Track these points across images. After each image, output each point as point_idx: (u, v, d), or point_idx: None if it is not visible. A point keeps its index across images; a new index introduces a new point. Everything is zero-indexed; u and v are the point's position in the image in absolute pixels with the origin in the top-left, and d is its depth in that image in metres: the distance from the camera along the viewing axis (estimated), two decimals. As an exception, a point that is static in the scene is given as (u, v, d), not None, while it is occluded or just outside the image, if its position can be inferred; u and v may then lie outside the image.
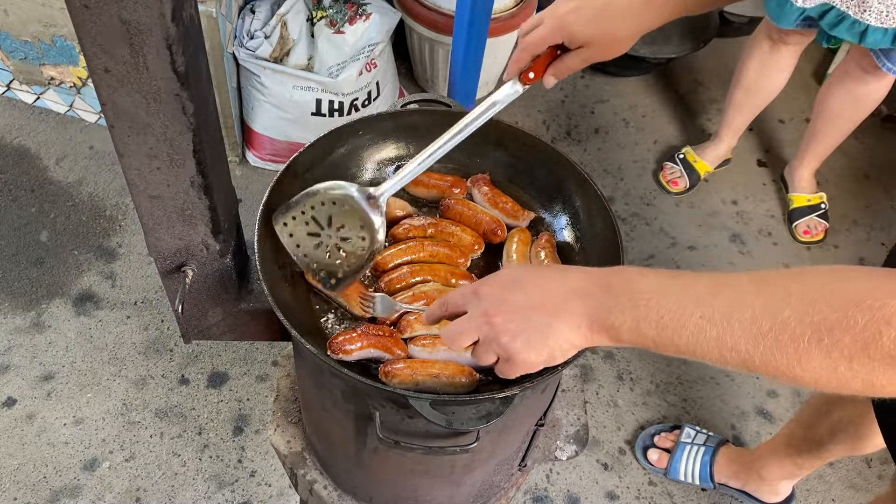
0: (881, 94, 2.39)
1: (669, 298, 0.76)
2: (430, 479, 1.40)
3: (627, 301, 0.78)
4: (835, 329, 0.66)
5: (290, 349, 1.60)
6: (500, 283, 0.88)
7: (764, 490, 2.04)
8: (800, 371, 0.69)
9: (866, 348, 0.64)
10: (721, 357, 0.73)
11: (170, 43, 0.88)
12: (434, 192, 1.37)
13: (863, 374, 0.66)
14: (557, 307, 0.82)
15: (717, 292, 0.74)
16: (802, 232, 2.71)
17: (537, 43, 1.09)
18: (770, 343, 0.69)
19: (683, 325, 0.74)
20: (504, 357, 0.86)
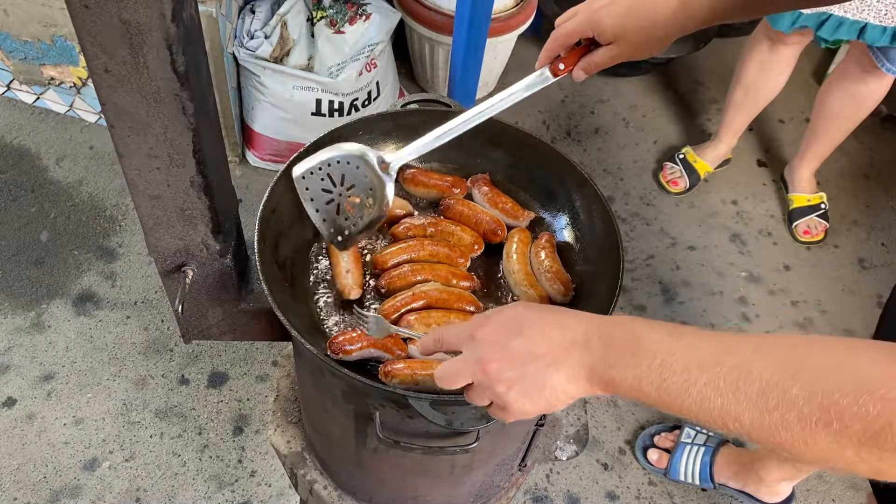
0: (881, 94, 2.39)
1: (674, 361, 0.74)
2: (430, 479, 1.40)
3: (630, 358, 0.76)
4: (845, 415, 0.64)
5: (290, 349, 1.60)
6: (498, 327, 0.85)
7: (763, 491, 2.04)
8: (804, 449, 0.67)
9: (876, 438, 0.63)
10: (724, 425, 0.71)
11: (170, 43, 0.88)
12: (434, 191, 1.37)
13: (870, 461, 0.64)
14: (556, 358, 0.80)
15: (723, 360, 0.71)
16: (802, 232, 2.71)
17: (567, 34, 1.08)
18: (776, 420, 0.67)
19: (687, 390, 0.72)
20: (499, 405, 0.84)
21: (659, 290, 2.54)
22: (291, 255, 1.27)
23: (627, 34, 1.03)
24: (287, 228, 1.27)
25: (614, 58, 1.07)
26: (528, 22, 2.82)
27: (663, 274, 2.59)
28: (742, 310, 2.53)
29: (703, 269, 2.62)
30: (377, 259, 1.27)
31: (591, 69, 1.10)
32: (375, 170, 1.09)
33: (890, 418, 0.62)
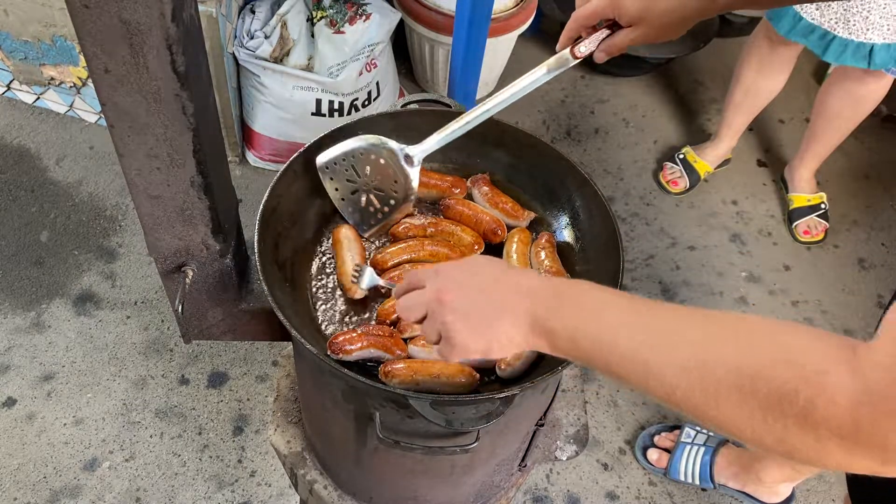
0: (880, 95, 2.39)
1: (610, 317, 0.76)
2: (430, 479, 1.40)
3: (571, 309, 0.79)
4: (756, 378, 0.65)
5: (290, 349, 1.60)
6: (462, 267, 0.90)
7: (763, 491, 2.04)
8: (716, 413, 0.67)
9: (780, 403, 0.63)
10: (646, 384, 0.72)
11: (170, 43, 0.88)
12: (434, 191, 1.37)
13: (776, 430, 0.64)
14: (506, 301, 0.83)
15: (659, 322, 0.74)
16: (802, 232, 2.71)
17: (588, 16, 1.08)
18: (694, 379, 0.68)
19: (618, 345, 0.74)
20: (444, 336, 0.86)
21: (659, 290, 2.54)
22: (291, 255, 1.27)
23: (649, 16, 1.03)
24: (287, 228, 1.27)
25: (635, 40, 1.07)
26: (529, 22, 2.82)
27: (663, 274, 2.59)
28: (742, 310, 2.52)
29: (703, 269, 2.62)
30: (377, 259, 1.27)
31: (612, 51, 1.10)
32: (399, 161, 1.11)
33: (799, 385, 0.62)
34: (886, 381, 0.58)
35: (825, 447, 0.62)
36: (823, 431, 0.61)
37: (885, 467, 0.61)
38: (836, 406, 0.60)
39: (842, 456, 0.62)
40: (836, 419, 0.60)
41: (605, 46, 1.10)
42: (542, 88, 1.14)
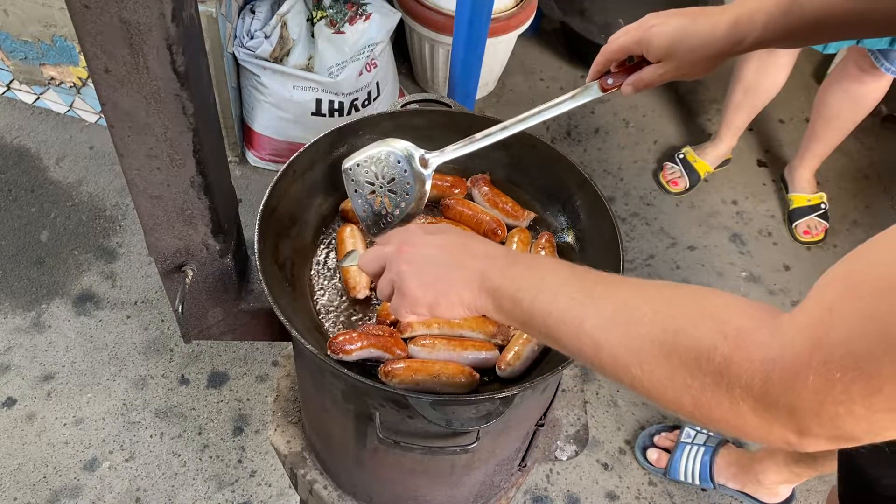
0: (880, 95, 2.39)
1: (554, 279, 0.78)
2: (430, 480, 1.40)
3: (518, 270, 0.81)
4: (678, 333, 0.65)
5: (291, 349, 1.60)
6: (428, 228, 0.93)
7: (763, 492, 2.04)
8: (639, 372, 0.67)
9: (699, 359, 0.62)
10: (579, 343, 0.73)
11: (170, 43, 0.88)
12: (434, 191, 1.37)
13: (693, 389, 0.63)
14: (461, 259, 0.85)
15: (597, 284, 0.75)
16: (802, 232, 2.71)
17: (616, 50, 1.10)
18: (621, 335, 0.69)
19: (556, 304, 0.75)
20: (397, 286, 0.88)
21: (659, 290, 2.54)
22: (291, 255, 1.27)
23: (676, 54, 1.04)
24: (287, 228, 1.27)
25: (662, 76, 1.08)
26: (529, 22, 2.82)
27: (663, 274, 2.59)
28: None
29: (703, 269, 2.62)
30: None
31: (640, 86, 1.11)
32: (416, 166, 1.13)
33: (717, 341, 0.62)
34: (802, 341, 0.57)
35: (739, 410, 0.61)
36: (737, 391, 0.60)
37: (802, 440, 0.59)
38: (750, 363, 0.59)
39: (756, 421, 0.61)
40: (749, 376, 0.59)
41: (633, 81, 1.11)
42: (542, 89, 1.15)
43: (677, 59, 1.05)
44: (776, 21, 0.98)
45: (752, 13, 0.99)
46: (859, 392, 0.53)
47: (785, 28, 0.98)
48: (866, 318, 0.54)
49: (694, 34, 1.02)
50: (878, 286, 0.54)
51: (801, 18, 0.96)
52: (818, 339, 0.56)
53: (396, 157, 1.14)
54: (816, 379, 0.55)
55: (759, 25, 0.99)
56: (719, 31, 1.01)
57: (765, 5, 0.98)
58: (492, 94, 3.05)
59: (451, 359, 1.14)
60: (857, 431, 0.56)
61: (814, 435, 0.58)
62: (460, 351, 1.15)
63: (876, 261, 0.57)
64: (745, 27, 0.99)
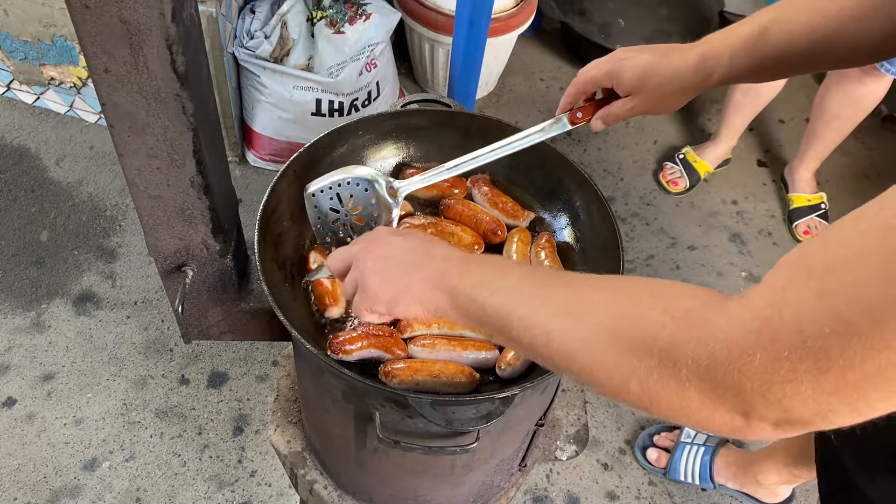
0: (879, 95, 2.39)
1: (511, 275, 0.78)
2: (430, 480, 1.40)
3: (476, 268, 0.82)
4: (627, 317, 0.65)
5: (290, 349, 1.60)
6: (395, 231, 0.95)
7: (763, 492, 2.04)
8: (589, 360, 0.67)
9: (645, 340, 0.62)
10: (531, 336, 0.72)
11: (170, 43, 0.88)
12: (434, 191, 1.37)
13: (640, 371, 0.62)
14: (423, 261, 0.87)
15: (555, 280, 0.75)
16: (803, 232, 2.71)
17: (587, 81, 1.11)
18: (571, 323, 0.69)
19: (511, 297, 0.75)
20: (360, 283, 0.89)
21: (659, 290, 2.54)
22: (291, 255, 1.27)
23: (645, 88, 1.05)
24: (287, 228, 1.27)
25: (632, 110, 1.08)
26: (528, 22, 2.82)
27: (663, 274, 2.59)
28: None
29: (704, 269, 2.62)
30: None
31: (609, 121, 1.11)
32: (383, 195, 1.12)
33: (666, 321, 0.61)
34: (752, 320, 0.56)
35: (685, 392, 0.60)
36: (683, 371, 0.59)
37: (749, 424, 0.58)
38: (697, 341, 0.59)
39: (701, 404, 0.60)
40: (696, 355, 0.58)
41: (602, 115, 1.11)
42: (542, 89, 1.15)
43: (646, 93, 1.05)
44: (742, 57, 0.99)
45: (718, 49, 1.00)
46: (807, 371, 0.53)
47: (751, 63, 0.99)
48: (816, 295, 0.53)
49: (664, 68, 1.03)
50: (830, 264, 0.53)
51: (767, 54, 0.97)
52: (767, 318, 0.55)
53: (364, 185, 1.12)
54: (764, 357, 0.54)
55: (725, 61, 1.00)
56: (688, 66, 1.02)
57: (731, 41, 1.00)
58: (492, 94, 3.05)
59: (451, 359, 1.14)
60: (804, 413, 0.55)
61: (760, 417, 0.57)
62: (460, 351, 1.15)
63: (829, 240, 0.56)
64: (712, 63, 1.00)
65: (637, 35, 3.17)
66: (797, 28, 0.95)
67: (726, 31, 1.02)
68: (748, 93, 2.57)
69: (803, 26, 0.95)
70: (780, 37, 0.96)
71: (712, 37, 1.02)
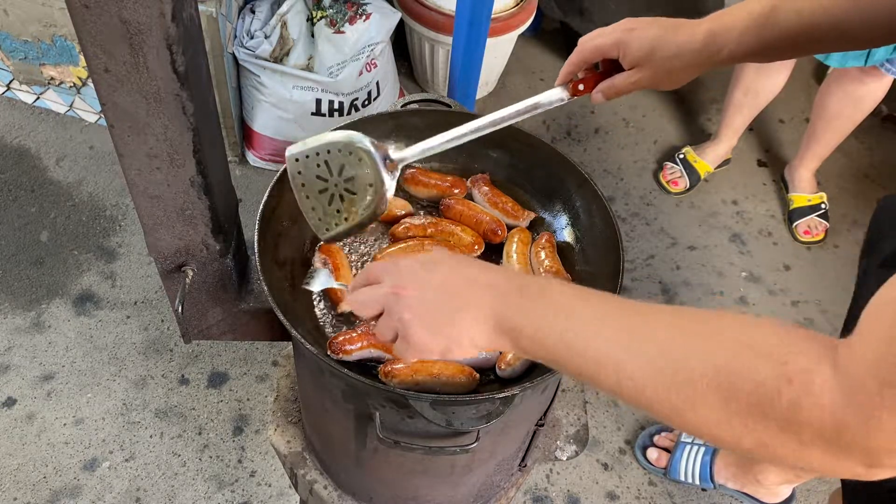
0: (880, 95, 2.39)
1: (579, 313, 0.73)
2: (430, 479, 1.40)
3: (536, 305, 0.76)
4: (736, 378, 0.62)
5: (291, 349, 1.60)
6: (421, 261, 0.86)
7: (763, 492, 2.04)
8: (692, 416, 0.65)
9: (762, 405, 0.60)
10: (618, 385, 0.69)
11: (170, 43, 0.88)
12: (434, 191, 1.37)
13: (757, 433, 0.61)
14: (469, 297, 0.79)
15: (629, 318, 0.71)
16: (803, 232, 2.71)
17: (591, 50, 1.06)
18: (668, 379, 0.65)
19: (588, 343, 0.71)
20: (402, 334, 0.82)
21: (659, 290, 2.54)
22: (291, 255, 1.27)
23: (652, 61, 1.02)
24: (287, 228, 1.27)
25: (636, 84, 1.05)
26: (529, 22, 2.82)
27: (663, 274, 2.59)
28: (742, 310, 2.52)
29: (704, 269, 2.62)
30: (377, 259, 1.27)
31: (611, 94, 1.07)
32: (378, 166, 0.99)
33: (781, 385, 0.60)
34: (870, 381, 0.56)
35: (808, 451, 0.60)
36: (807, 435, 0.59)
37: (870, 471, 0.59)
38: (821, 409, 0.58)
39: (825, 459, 0.60)
40: (821, 422, 0.58)
41: (604, 88, 1.07)
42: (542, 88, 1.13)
43: (652, 67, 1.03)
44: (751, 34, 0.97)
45: (727, 26, 0.98)
46: None
47: (760, 41, 0.97)
48: None
49: (672, 43, 1.01)
50: None
51: (778, 33, 0.95)
52: (884, 377, 0.55)
53: (357, 154, 0.98)
54: (891, 418, 0.55)
55: (734, 38, 0.98)
56: (696, 42, 1.00)
57: (740, 18, 0.98)
58: (492, 93, 3.05)
59: (451, 359, 1.14)
60: None
61: (885, 466, 0.58)
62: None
63: None
64: (720, 39, 0.99)
65: (637, 35, 3.16)
66: (808, 7, 0.93)
67: (736, 7, 0.99)
68: (748, 93, 2.57)
69: (814, 5, 0.93)
70: (790, 16, 0.94)
71: (722, 13, 1.00)
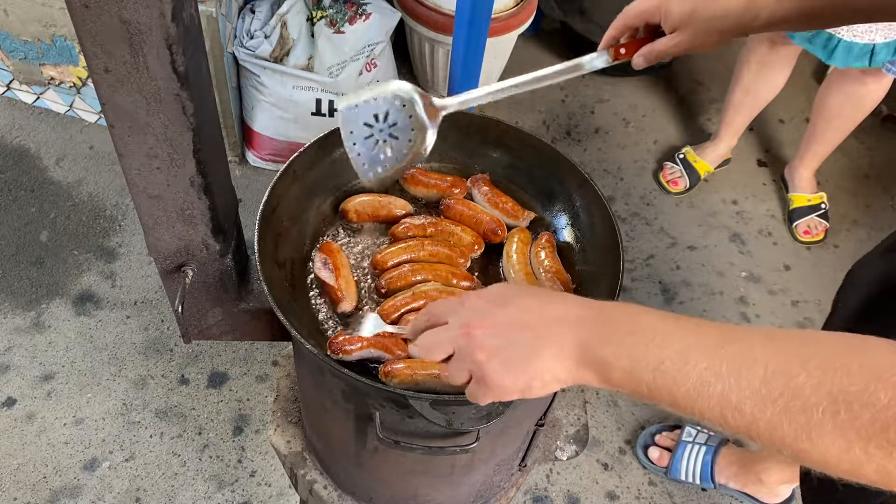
0: (880, 95, 2.39)
1: (674, 342, 0.69)
2: (430, 479, 1.40)
3: (626, 336, 0.71)
4: (854, 403, 0.59)
5: (290, 349, 1.60)
6: (489, 297, 0.81)
7: (764, 492, 2.04)
8: (808, 446, 0.62)
9: (886, 430, 0.58)
10: (722, 417, 0.66)
11: (170, 43, 0.87)
12: (434, 191, 1.37)
13: (879, 458, 0.59)
14: (546, 332, 0.75)
15: (726, 344, 0.67)
16: (802, 232, 2.71)
17: (635, 15, 1.09)
18: (779, 409, 0.62)
19: (686, 374, 0.67)
20: (477, 376, 0.78)
21: (659, 290, 2.54)
22: (291, 255, 1.27)
23: (692, 24, 1.04)
24: (287, 228, 1.27)
25: (676, 46, 1.07)
26: (529, 22, 2.82)
27: (663, 274, 2.59)
28: (742, 310, 2.52)
29: (704, 269, 2.62)
30: (377, 259, 1.27)
31: (652, 58, 1.09)
32: (420, 113, 1.04)
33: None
34: None
35: None
36: None
37: None
38: None
39: None
40: None
41: (645, 52, 1.10)
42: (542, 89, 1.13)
43: (693, 29, 1.04)
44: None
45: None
46: None
47: (800, 6, 0.97)
48: None
49: (712, 4, 1.02)
50: None
51: None
52: None
53: (402, 100, 1.04)
54: None
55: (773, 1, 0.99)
56: (738, 4, 1.01)
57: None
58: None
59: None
60: None
61: None
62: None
63: None
64: (760, 2, 1.00)
65: (637, 35, 3.16)
66: None
67: None
68: (748, 92, 2.57)
69: None
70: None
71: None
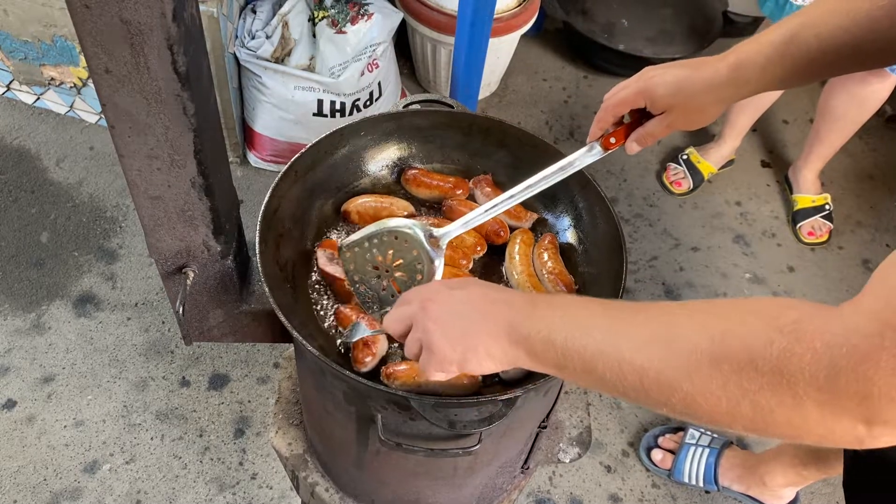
0: (884, 95, 2.38)
1: (584, 314, 0.77)
2: (432, 482, 1.40)
3: (544, 311, 0.80)
4: (726, 335, 0.62)
5: (292, 351, 1.59)
6: (448, 283, 0.92)
7: (767, 495, 2.03)
8: (689, 387, 0.65)
9: (754, 359, 0.60)
10: (620, 373, 0.70)
11: (171, 43, 0.87)
12: (436, 192, 1.37)
13: (751, 392, 0.60)
14: (485, 310, 0.84)
15: (630, 312, 0.74)
16: (807, 233, 2.70)
17: (619, 104, 1.09)
18: (663, 353, 0.67)
19: (591, 335, 0.74)
20: (425, 345, 0.87)
21: (662, 292, 2.54)
22: (293, 257, 1.26)
23: (680, 102, 1.04)
24: (288, 229, 1.27)
25: (669, 126, 1.07)
26: (531, 22, 2.81)
27: (667, 275, 2.58)
28: (745, 311, 2.52)
29: (707, 271, 2.61)
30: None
31: (646, 141, 1.11)
32: (423, 245, 1.07)
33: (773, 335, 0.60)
34: (870, 323, 0.55)
35: (803, 408, 0.59)
36: (801, 386, 0.58)
37: (871, 430, 0.57)
38: (813, 352, 0.57)
39: (821, 417, 0.58)
40: (813, 367, 0.57)
41: (638, 136, 1.11)
42: (545, 89, 1.13)
43: (682, 107, 1.04)
44: (775, 63, 0.98)
45: (750, 57, 1.00)
46: None
47: (783, 69, 0.98)
48: None
49: (696, 80, 1.02)
50: None
51: (798, 59, 0.97)
52: (887, 320, 0.55)
53: (404, 237, 1.07)
54: (890, 359, 0.54)
55: (758, 68, 0.99)
56: (721, 76, 1.01)
57: (762, 48, 0.99)
58: (494, 94, 3.05)
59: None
60: None
61: (884, 422, 0.56)
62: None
63: None
64: (745, 72, 1.00)
65: (640, 35, 3.16)
66: (826, 31, 0.95)
67: (754, 39, 1.01)
68: (751, 93, 2.56)
69: (834, 28, 0.95)
70: (809, 41, 0.96)
71: (741, 46, 1.02)
